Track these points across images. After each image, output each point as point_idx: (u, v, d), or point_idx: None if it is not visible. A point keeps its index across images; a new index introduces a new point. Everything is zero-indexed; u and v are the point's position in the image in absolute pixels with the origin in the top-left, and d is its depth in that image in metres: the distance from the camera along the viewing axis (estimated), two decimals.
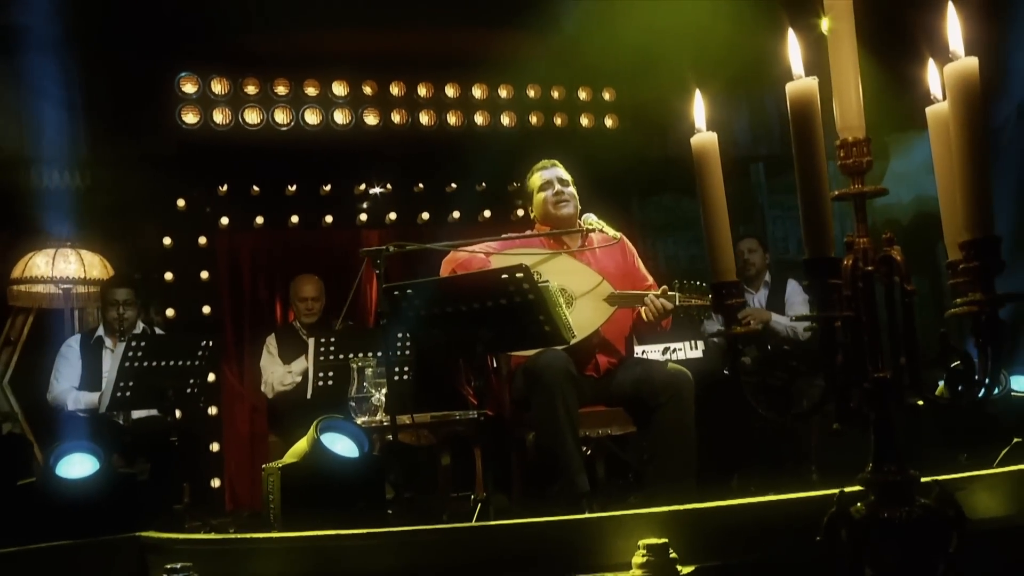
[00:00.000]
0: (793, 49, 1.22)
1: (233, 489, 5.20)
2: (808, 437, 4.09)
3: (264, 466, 2.70)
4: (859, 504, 1.12)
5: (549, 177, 3.38)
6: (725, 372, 4.40)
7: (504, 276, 2.61)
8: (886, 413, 1.16)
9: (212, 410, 5.04)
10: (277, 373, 4.63)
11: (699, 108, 1.40)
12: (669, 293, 3.09)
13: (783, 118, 5.94)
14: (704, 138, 1.39)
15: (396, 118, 5.21)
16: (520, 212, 5.62)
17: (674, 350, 4.61)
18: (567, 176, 3.41)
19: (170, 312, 5.04)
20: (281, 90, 5.02)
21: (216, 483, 5.01)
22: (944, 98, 1.19)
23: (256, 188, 5.20)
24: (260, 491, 5.07)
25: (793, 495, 2.07)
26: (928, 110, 1.24)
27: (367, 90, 5.17)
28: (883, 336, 1.24)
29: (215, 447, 5.07)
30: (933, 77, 1.21)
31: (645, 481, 3.12)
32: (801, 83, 1.21)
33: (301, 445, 2.66)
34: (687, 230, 5.98)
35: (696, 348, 4.68)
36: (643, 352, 4.52)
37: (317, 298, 4.79)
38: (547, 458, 3.00)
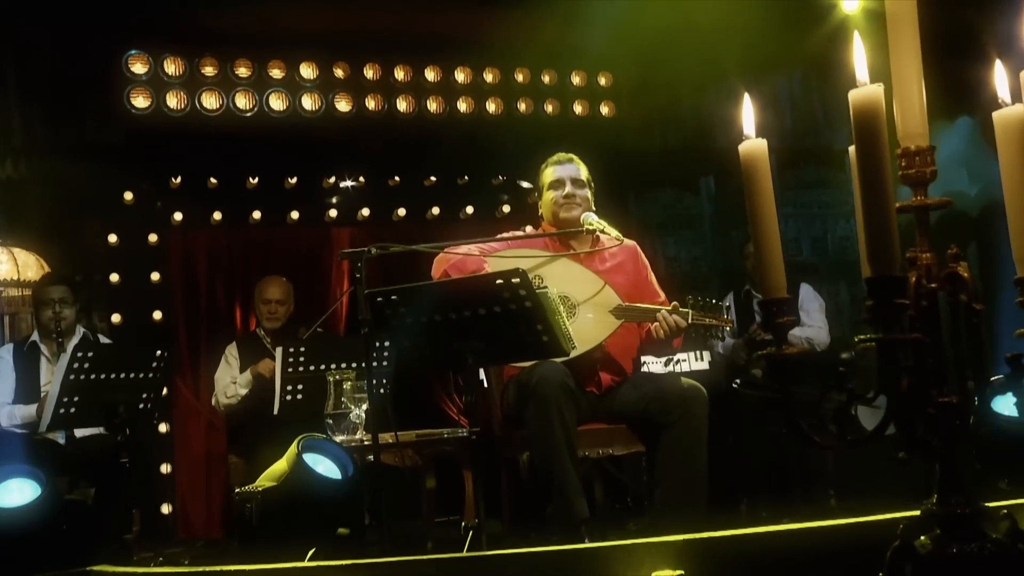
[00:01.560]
0: (858, 54, 1.25)
1: (186, 515, 5.17)
2: (823, 457, 4.15)
3: (238, 490, 2.70)
4: (924, 538, 1.15)
5: (562, 175, 3.38)
6: (734, 385, 4.46)
7: (499, 281, 2.63)
8: (952, 441, 1.19)
9: (163, 427, 5.01)
10: (222, 383, 4.63)
11: (748, 113, 1.42)
12: (681, 310, 3.12)
13: (795, 106, 6.02)
14: (753, 145, 1.42)
15: (370, 104, 5.21)
16: (506, 208, 5.65)
17: (678, 361, 4.66)
18: (584, 176, 3.41)
19: (116, 318, 5.01)
20: (243, 72, 5.00)
21: (166, 509, 4.98)
22: (1013, 102, 1.22)
23: (214, 180, 5.18)
24: (216, 517, 5.14)
25: (818, 523, 2.11)
26: (996, 115, 1.28)
27: (339, 73, 5.16)
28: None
29: (166, 468, 5.04)
30: (1001, 79, 1.24)
31: (652, 505, 3.15)
32: (866, 91, 1.24)
33: (280, 466, 2.67)
34: (689, 229, 6.03)
35: (702, 359, 4.73)
36: (644, 363, 4.56)
37: (282, 301, 4.77)
38: (542, 480, 3.03)
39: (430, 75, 5.33)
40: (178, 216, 5.19)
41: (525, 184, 5.62)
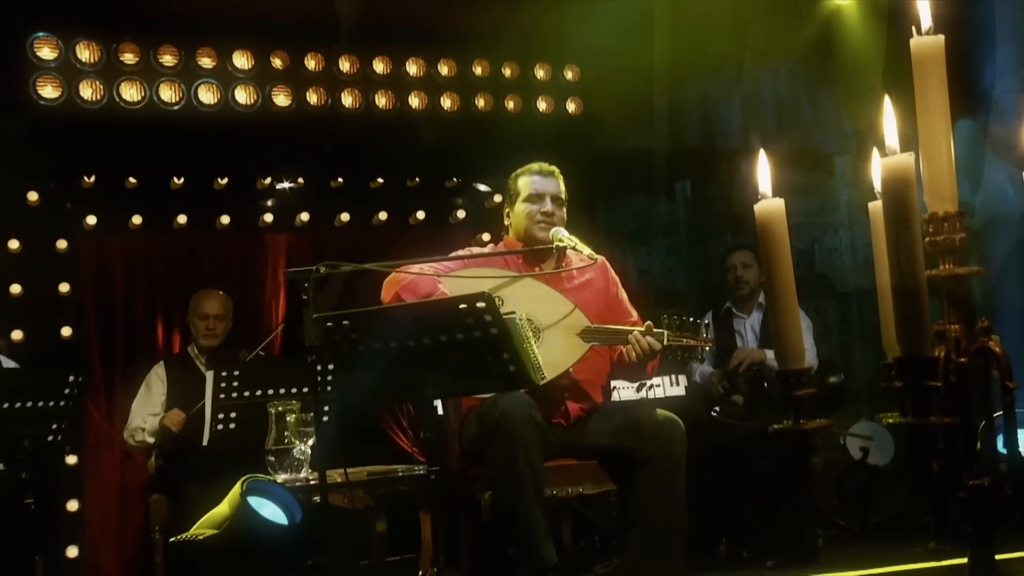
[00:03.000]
0: (888, 120, 1.32)
1: (96, 559, 5.14)
2: (810, 493, 4.26)
3: (172, 539, 2.71)
4: None
5: (542, 189, 3.45)
6: (712, 413, 4.57)
7: (462, 306, 2.69)
8: (985, 526, 1.26)
9: (71, 459, 4.97)
10: (133, 422, 4.63)
11: (764, 170, 1.50)
12: (656, 330, 3.20)
13: (781, 105, 6.17)
14: (770, 205, 1.49)
15: (312, 98, 5.23)
16: (461, 213, 5.71)
17: (651, 387, 4.75)
18: (563, 194, 3.49)
19: (17, 335, 4.95)
20: (168, 60, 4.99)
21: (73, 552, 4.94)
22: None
23: (133, 180, 5.16)
24: (130, 561, 5.09)
25: None
26: None
27: (276, 63, 5.17)
28: None
29: (73, 506, 4.99)
30: None
31: (626, 550, 3.22)
32: (896, 160, 1.30)
33: (221, 511, 2.69)
34: (663, 238, 6.15)
35: (677, 385, 4.83)
36: (614, 388, 4.65)
37: (222, 317, 4.80)
38: (506, 522, 3.08)
39: (379, 67, 5.36)
40: (91, 220, 5.15)
41: (483, 187, 5.68)
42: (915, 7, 1.31)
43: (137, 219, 5.22)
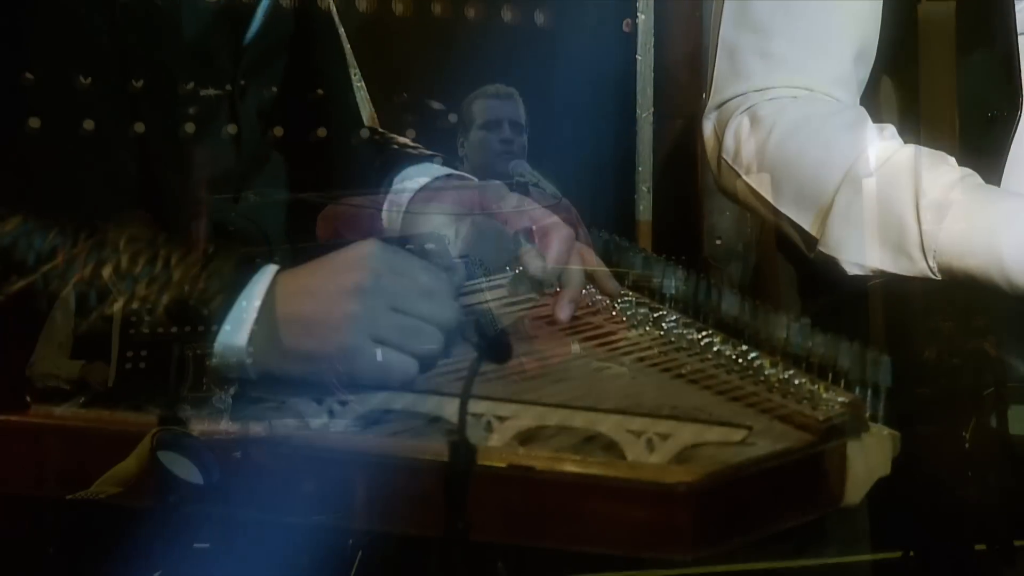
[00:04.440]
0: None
1: None
2: None
3: (70, 496, 2.67)
4: None
5: (500, 116, 3.40)
6: None
7: (409, 247, 2.66)
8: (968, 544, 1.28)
9: None
10: (40, 365, 4.55)
11: None
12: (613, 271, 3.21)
13: None
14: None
15: None
16: (411, 134, 5.64)
17: None
18: (523, 118, 3.43)
19: None
20: None
21: None
22: None
23: (30, 75, 5.02)
24: (23, 514, 5.07)
25: (767, 565, 2.23)
26: None
27: None
28: None
29: None
30: None
31: None
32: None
33: (126, 467, 2.65)
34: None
35: None
36: None
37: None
38: (444, 487, 3.10)
39: None
40: None
41: (436, 105, 5.62)
42: None
43: (35, 122, 5.09)
